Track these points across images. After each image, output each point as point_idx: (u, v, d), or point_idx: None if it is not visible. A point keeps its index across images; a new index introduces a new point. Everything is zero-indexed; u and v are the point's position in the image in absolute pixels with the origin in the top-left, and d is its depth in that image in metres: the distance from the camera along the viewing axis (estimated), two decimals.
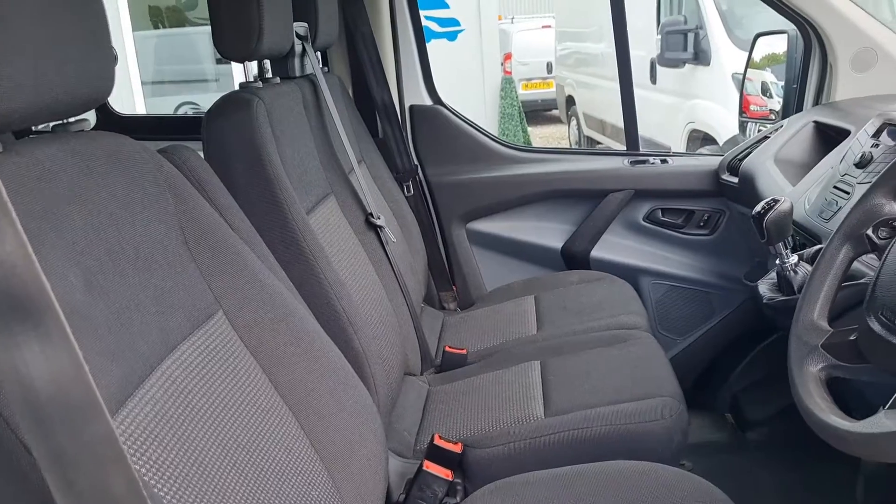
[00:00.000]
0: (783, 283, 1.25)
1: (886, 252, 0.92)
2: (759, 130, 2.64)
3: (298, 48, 1.72)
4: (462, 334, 2.02)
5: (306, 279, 1.37)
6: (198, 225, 1.07)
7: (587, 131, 8.53)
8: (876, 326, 0.87)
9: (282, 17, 1.51)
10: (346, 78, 2.24)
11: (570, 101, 8.97)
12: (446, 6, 8.31)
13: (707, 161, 2.27)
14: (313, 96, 1.77)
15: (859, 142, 1.42)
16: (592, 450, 1.37)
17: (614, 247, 2.32)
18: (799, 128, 1.96)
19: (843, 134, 1.76)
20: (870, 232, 0.99)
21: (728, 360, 2.34)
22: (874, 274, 0.92)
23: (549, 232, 2.34)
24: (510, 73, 10.35)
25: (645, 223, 2.31)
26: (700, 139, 5.85)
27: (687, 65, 5.92)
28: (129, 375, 0.83)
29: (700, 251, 2.30)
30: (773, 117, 2.61)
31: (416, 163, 2.31)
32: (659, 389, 1.48)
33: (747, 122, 2.61)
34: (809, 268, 1.24)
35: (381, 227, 1.80)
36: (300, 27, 1.72)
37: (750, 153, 2.07)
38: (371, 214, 1.79)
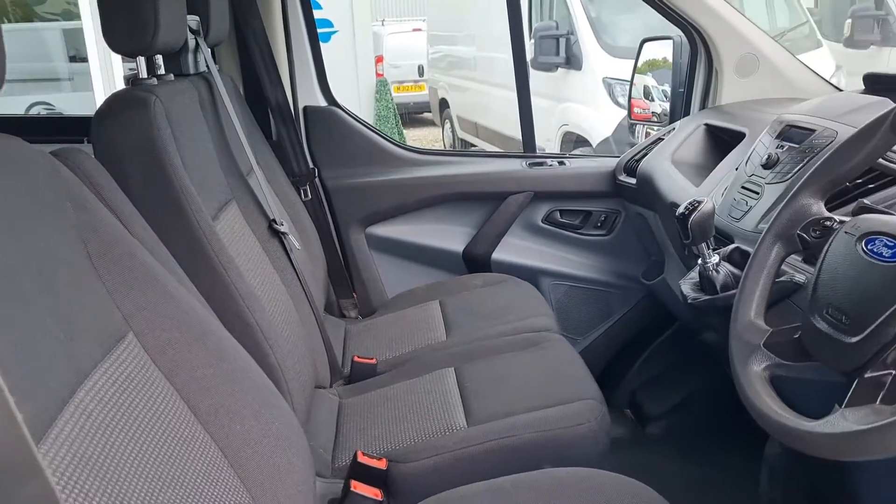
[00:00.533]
0: (706, 283, 1.26)
1: (824, 252, 0.93)
2: (647, 133, 2.73)
3: (192, 43, 1.60)
4: (368, 343, 1.95)
5: (215, 291, 1.27)
6: (100, 237, 0.96)
7: (461, 134, 8.61)
8: (822, 325, 0.88)
9: (177, 9, 1.40)
10: (236, 77, 2.12)
11: (444, 103, 9.04)
12: (318, 7, 8.15)
13: (604, 163, 2.31)
14: (209, 95, 1.65)
15: (763, 144, 1.46)
16: (521, 458, 1.35)
17: (515, 249, 2.32)
18: (691, 130, 2.02)
19: (735, 136, 1.83)
20: (801, 232, 1.01)
21: (626, 357, 2.39)
22: (813, 273, 0.94)
23: (449, 235, 2.31)
24: (382, 75, 10.32)
25: (544, 225, 2.32)
26: (573, 141, 6.04)
27: (559, 69, 6.09)
28: (41, 414, 0.72)
29: (598, 251, 2.34)
30: (655, 119, 2.70)
31: (312, 166, 2.22)
32: (581, 393, 1.48)
33: (635, 124, 2.69)
34: (730, 267, 1.26)
35: (284, 233, 1.71)
36: (192, 20, 1.60)
37: (646, 155, 2.12)
38: (274, 221, 1.69)
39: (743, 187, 1.43)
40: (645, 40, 2.50)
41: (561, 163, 2.32)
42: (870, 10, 7.03)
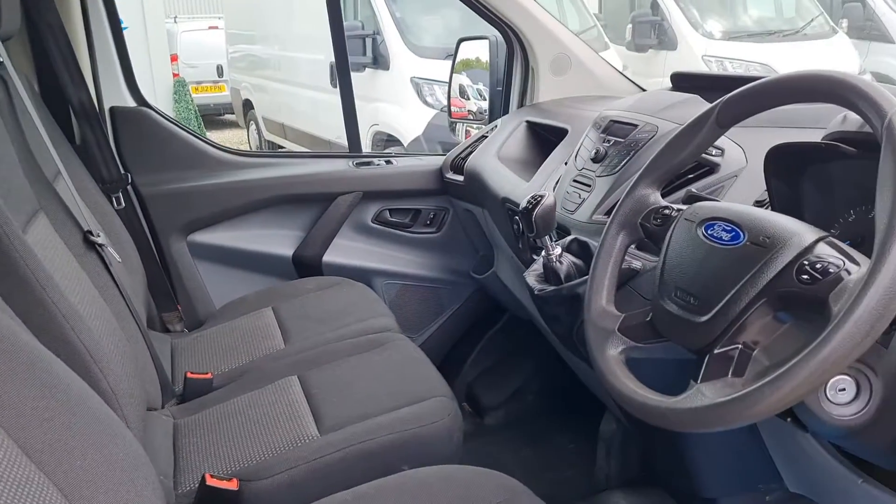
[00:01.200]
0: (550, 274, 1.31)
1: (668, 238, 0.99)
2: (467, 131, 2.79)
3: None
4: (200, 357, 1.84)
5: (34, 312, 1.13)
6: None
7: (268, 136, 8.39)
8: (672, 307, 0.93)
9: None
10: (30, 75, 1.91)
11: (248, 104, 8.76)
12: None
13: (431, 161, 2.33)
14: (5, 94, 1.47)
15: (590, 139, 1.54)
16: (378, 462, 1.33)
17: (346, 250, 2.28)
18: (514, 127, 2.09)
19: (557, 132, 1.91)
20: (642, 221, 1.07)
21: (461, 351, 2.43)
22: (659, 260, 0.99)
23: (278, 239, 2.24)
24: (178, 75, 9.83)
25: (374, 224, 2.30)
26: (384, 140, 6.07)
27: (367, 69, 6.09)
28: None
29: (428, 249, 2.36)
30: (472, 117, 2.77)
31: (124, 171, 2.05)
32: (431, 390, 1.48)
33: (455, 123, 2.75)
34: (572, 258, 1.32)
35: (101, 245, 1.57)
36: None
37: (472, 152, 2.17)
38: (90, 232, 1.55)
39: (574, 181, 1.50)
40: (461, 40, 2.55)
41: (388, 162, 2.32)
42: (647, 16, 7.68)
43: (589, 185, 1.44)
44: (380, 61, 6.05)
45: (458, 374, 2.41)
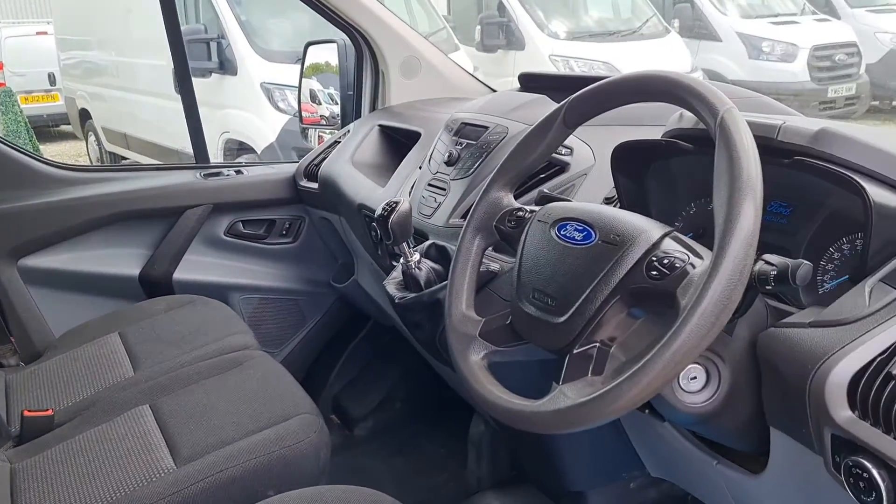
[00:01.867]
0: (409, 281, 1.29)
1: (522, 240, 1.00)
2: (320, 137, 2.74)
3: None
4: (39, 392, 1.69)
5: None
6: None
7: (109, 147, 7.93)
8: (530, 309, 0.94)
9: None
10: None
11: (85, 114, 8.23)
12: None
13: (283, 169, 2.26)
14: None
15: (443, 142, 1.54)
16: (242, 490, 1.26)
17: (198, 266, 2.17)
18: (366, 132, 2.06)
19: (410, 136, 1.90)
20: (497, 224, 1.07)
21: (325, 363, 2.38)
22: (515, 262, 0.99)
23: (122, 259, 2.10)
24: (4, 84, 9.11)
25: (227, 237, 2.21)
26: (236, 148, 5.87)
27: (213, 74, 5.87)
28: None
29: (286, 259, 2.29)
30: (325, 122, 2.72)
31: None
32: (295, 408, 1.43)
33: (307, 129, 2.68)
34: (431, 263, 1.30)
35: None
36: None
37: (325, 159, 2.12)
38: None
39: (429, 185, 1.49)
40: (309, 44, 2.50)
41: (238, 171, 2.23)
42: (495, 18, 7.86)
43: (444, 189, 1.44)
44: (227, 66, 5.84)
45: (324, 386, 2.35)
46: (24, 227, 1.97)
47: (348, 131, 2.18)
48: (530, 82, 1.70)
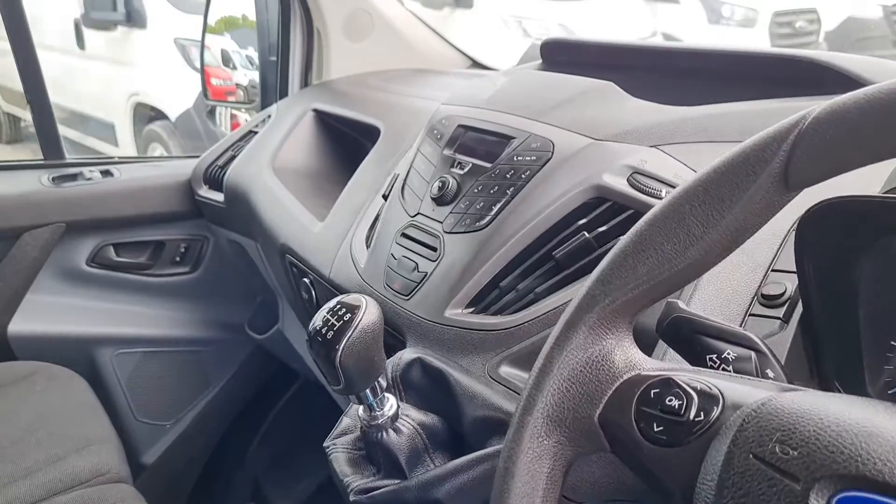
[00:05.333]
0: (376, 453, 0.65)
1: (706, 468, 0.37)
2: (232, 116, 2.05)
3: None
4: None
5: None
6: None
7: (6, 107, 6.97)
8: None
9: None
10: None
11: None
12: None
13: (175, 169, 1.57)
14: None
15: (426, 158, 0.88)
16: None
17: (47, 312, 1.48)
18: (296, 120, 1.40)
19: (363, 130, 1.25)
20: (607, 416, 0.44)
21: (240, 436, 1.73)
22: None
23: None
24: None
25: (91, 268, 1.52)
26: (149, 115, 5.09)
27: (119, 27, 5.08)
28: None
29: (181, 297, 1.61)
30: (243, 95, 2.03)
31: None
32: None
33: (215, 107, 1.97)
34: (414, 414, 0.67)
35: None
36: None
37: (234, 158, 1.44)
38: None
39: (406, 236, 0.84)
40: None
41: (107, 172, 1.53)
42: None
43: (434, 249, 0.79)
44: (135, 18, 5.04)
45: (239, 469, 1.70)
46: None
47: (269, 117, 1.50)
48: (558, 54, 1.06)
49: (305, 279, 1.04)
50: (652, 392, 0.42)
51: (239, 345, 1.66)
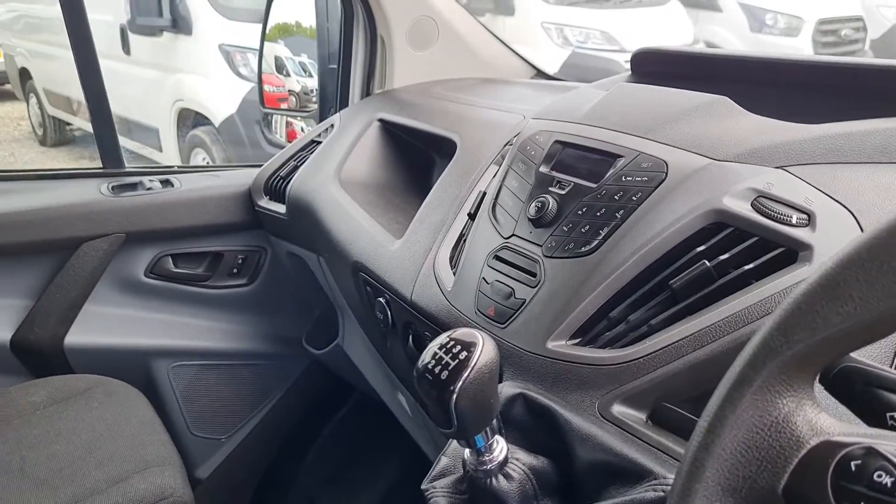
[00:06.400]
0: (483, 499, 0.60)
1: None
2: (288, 124, 2.02)
3: None
4: None
5: None
6: None
7: (52, 110, 7.09)
8: None
9: None
10: None
11: (25, 74, 7.38)
12: None
13: (233, 179, 1.54)
14: None
15: (519, 175, 0.83)
16: None
17: (103, 324, 1.46)
18: (360, 130, 1.35)
19: (435, 143, 1.20)
20: (792, 484, 0.39)
21: (294, 451, 1.69)
22: None
23: None
24: None
25: (149, 279, 1.49)
26: (192, 120, 5.12)
27: (165, 33, 5.11)
28: None
29: (237, 309, 1.58)
30: (294, 101, 2.00)
31: None
32: None
33: (271, 114, 1.94)
34: (524, 457, 0.61)
35: None
36: None
37: (297, 168, 1.41)
38: None
39: (499, 259, 0.79)
40: None
41: (167, 182, 1.50)
42: None
43: (532, 274, 0.74)
44: (180, 24, 5.08)
45: (292, 484, 1.66)
46: None
47: (332, 126, 1.46)
48: (648, 65, 1.00)
49: (380, 298, 0.99)
50: (852, 464, 0.36)
51: (295, 359, 1.62)
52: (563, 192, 0.76)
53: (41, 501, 1.03)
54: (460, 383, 0.53)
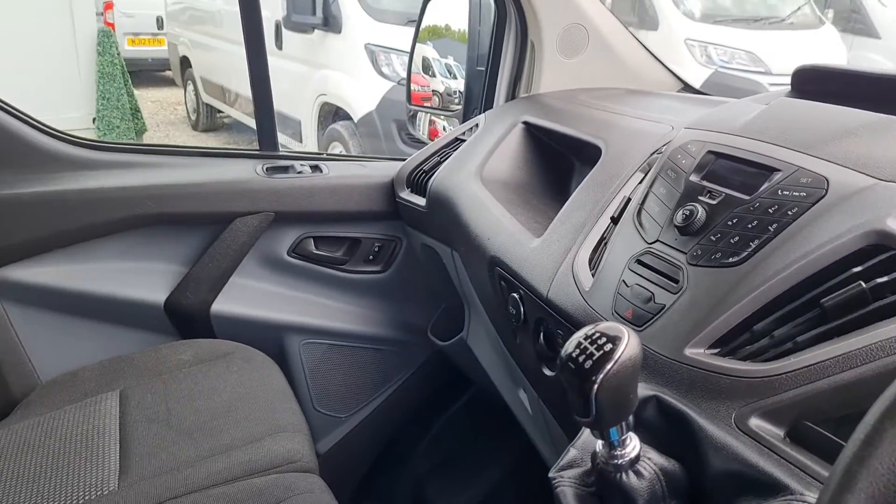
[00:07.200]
0: (610, 492, 0.61)
1: None
2: (430, 122, 2.08)
3: None
4: None
5: None
6: None
7: (206, 98, 7.54)
8: None
9: None
10: None
11: (185, 62, 7.89)
12: None
13: (378, 170, 1.61)
14: None
15: (667, 181, 0.84)
16: None
17: (247, 295, 1.56)
18: (505, 132, 1.38)
19: (580, 149, 1.21)
20: None
21: (409, 435, 1.74)
22: None
23: (143, 278, 1.49)
24: (112, 24, 8.83)
25: (291, 258, 1.58)
26: (333, 113, 5.33)
27: (316, 31, 5.34)
28: None
29: (370, 294, 1.65)
30: (437, 101, 2.05)
31: None
32: None
33: (416, 112, 2.01)
34: (656, 458, 0.62)
35: None
36: None
37: (440, 163, 1.45)
38: None
39: (641, 263, 0.80)
40: None
41: (316, 168, 1.58)
42: None
43: (675, 282, 0.74)
44: (331, 23, 5.29)
45: (405, 466, 1.71)
46: (9, 224, 1.38)
47: (476, 126, 1.50)
48: (811, 82, 0.98)
49: (515, 294, 1.01)
50: None
51: (419, 348, 1.67)
52: (714, 203, 0.76)
53: (183, 450, 1.12)
54: (603, 374, 0.54)
